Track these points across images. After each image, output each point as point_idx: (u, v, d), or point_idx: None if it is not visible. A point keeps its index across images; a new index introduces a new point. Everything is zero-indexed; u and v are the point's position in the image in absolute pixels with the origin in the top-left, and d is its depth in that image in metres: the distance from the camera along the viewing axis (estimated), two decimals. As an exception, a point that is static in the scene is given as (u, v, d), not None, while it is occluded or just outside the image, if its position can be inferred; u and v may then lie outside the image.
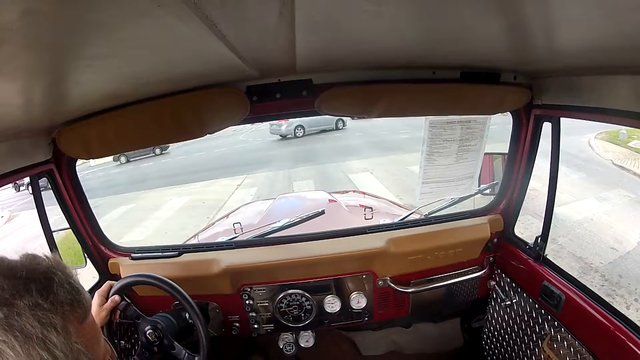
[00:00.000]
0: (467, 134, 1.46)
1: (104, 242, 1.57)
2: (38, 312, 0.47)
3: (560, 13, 0.57)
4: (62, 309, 0.50)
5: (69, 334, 0.49)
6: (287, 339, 1.71)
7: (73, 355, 0.49)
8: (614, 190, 6.35)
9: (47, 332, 0.47)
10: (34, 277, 0.49)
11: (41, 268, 0.51)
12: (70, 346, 0.49)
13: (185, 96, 1.11)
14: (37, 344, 0.46)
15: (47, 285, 0.49)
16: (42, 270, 0.51)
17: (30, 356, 0.46)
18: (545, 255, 1.40)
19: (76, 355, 0.50)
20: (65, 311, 0.50)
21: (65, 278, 0.52)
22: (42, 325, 0.47)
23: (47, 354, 0.46)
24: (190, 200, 8.88)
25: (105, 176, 14.09)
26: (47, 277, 0.50)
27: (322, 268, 1.53)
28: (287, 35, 0.68)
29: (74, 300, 0.52)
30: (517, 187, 1.54)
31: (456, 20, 0.64)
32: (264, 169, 10.81)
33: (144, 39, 0.57)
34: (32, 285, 0.49)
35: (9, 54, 0.47)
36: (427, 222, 1.65)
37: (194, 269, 1.49)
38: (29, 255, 0.52)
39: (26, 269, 0.50)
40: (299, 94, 1.26)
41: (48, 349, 0.47)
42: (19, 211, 10.63)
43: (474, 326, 1.91)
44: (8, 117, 0.84)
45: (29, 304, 0.47)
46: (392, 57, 1.02)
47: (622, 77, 0.91)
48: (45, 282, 0.50)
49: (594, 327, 1.12)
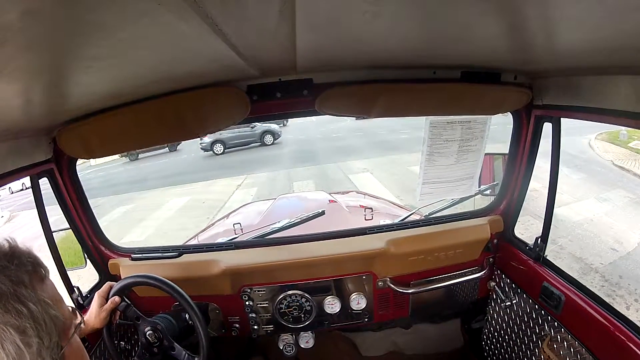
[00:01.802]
0: (468, 134, 1.46)
1: (104, 242, 1.57)
2: (7, 272, 0.56)
3: (560, 13, 0.57)
4: (26, 268, 0.59)
5: (35, 288, 0.58)
6: (287, 340, 1.71)
7: (42, 307, 0.57)
8: (614, 191, 6.35)
9: (17, 287, 0.56)
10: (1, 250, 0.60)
11: (5, 245, 0.61)
12: (38, 298, 0.57)
13: (186, 95, 1.11)
14: (11, 299, 0.54)
15: (12, 253, 0.59)
16: (6, 246, 0.61)
17: (8, 311, 0.53)
18: (545, 256, 1.40)
19: (45, 308, 0.57)
20: (28, 270, 0.59)
21: (25, 250, 0.62)
22: (12, 283, 0.55)
23: (21, 306, 0.54)
24: (190, 200, 8.88)
25: (105, 176, 14.10)
26: (11, 247, 0.61)
27: (322, 269, 1.53)
28: (287, 34, 0.68)
29: (34, 262, 0.61)
30: (517, 188, 1.54)
31: (456, 20, 0.64)
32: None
33: (144, 38, 0.57)
34: None
35: (9, 54, 0.47)
36: (427, 222, 1.65)
37: (194, 270, 1.49)
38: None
39: None
40: (299, 93, 1.26)
41: (22, 302, 0.55)
42: (19, 211, 10.64)
43: (474, 327, 1.90)
44: (8, 117, 0.84)
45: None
46: (393, 57, 1.02)
47: (623, 77, 0.91)
48: (9, 251, 0.60)
49: (594, 327, 1.12)
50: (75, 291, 1.40)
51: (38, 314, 0.55)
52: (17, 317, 0.53)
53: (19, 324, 0.53)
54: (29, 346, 0.53)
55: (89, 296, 1.44)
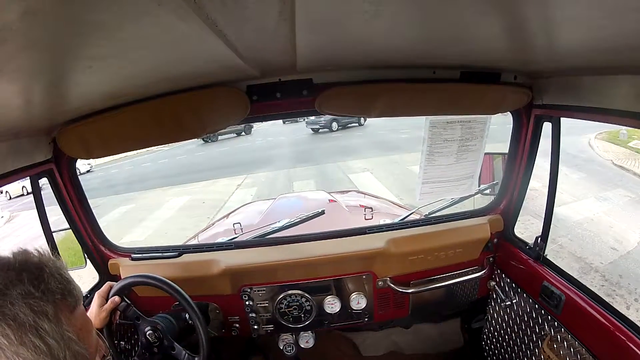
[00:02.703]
0: (468, 133, 1.46)
1: (104, 242, 1.57)
2: (30, 301, 0.49)
3: (560, 13, 0.57)
4: (53, 297, 0.51)
5: (60, 322, 0.51)
6: (287, 340, 1.71)
7: (64, 342, 0.51)
8: (614, 190, 6.36)
9: (39, 319, 0.49)
10: (26, 268, 0.52)
11: (33, 260, 0.53)
12: (61, 334, 0.51)
13: (186, 95, 1.11)
14: (29, 332, 0.48)
15: (39, 275, 0.51)
16: (33, 262, 0.53)
17: (24, 344, 0.47)
18: (545, 256, 1.40)
19: (67, 343, 0.51)
20: (56, 300, 0.52)
21: (55, 269, 0.54)
22: (34, 313, 0.49)
23: (39, 341, 0.48)
24: (190, 200, 8.89)
25: (105, 176, 14.09)
26: (39, 268, 0.52)
27: (322, 268, 1.53)
28: (287, 34, 0.68)
29: (65, 289, 0.54)
30: (517, 187, 1.54)
31: (456, 20, 0.64)
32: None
33: (144, 38, 0.57)
34: (24, 275, 0.51)
35: (9, 54, 0.47)
36: (427, 222, 1.65)
37: (194, 270, 1.49)
38: (21, 250, 0.54)
39: (18, 261, 0.52)
40: (299, 93, 1.26)
41: (40, 336, 0.48)
42: (19, 211, 10.63)
43: (474, 326, 1.90)
44: (8, 117, 0.84)
45: (21, 292, 0.49)
46: (392, 57, 1.02)
47: (622, 77, 0.91)
48: (36, 272, 0.52)
49: (594, 327, 1.12)
50: None
51: (58, 352, 0.49)
52: (34, 353, 0.48)
53: (33, 359, 0.48)
54: None
55: (89, 296, 1.44)
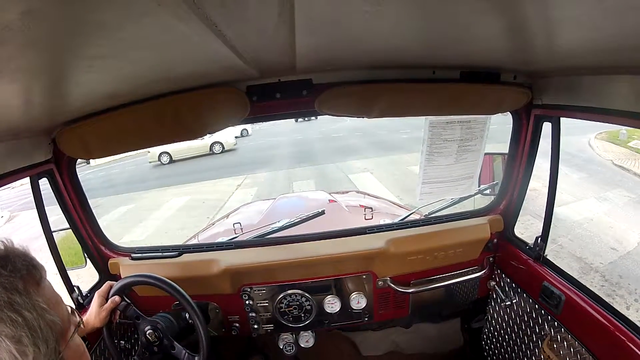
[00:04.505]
0: (467, 134, 1.46)
1: (104, 242, 1.57)
2: (0, 279, 0.54)
3: (560, 13, 0.57)
4: (20, 273, 0.57)
5: (30, 294, 0.56)
6: (287, 339, 1.71)
7: (37, 313, 0.55)
8: (614, 191, 6.35)
9: (11, 294, 0.54)
10: None
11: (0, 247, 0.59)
12: (33, 304, 0.55)
13: (185, 96, 1.11)
14: (5, 307, 0.52)
15: (5, 256, 0.57)
16: (1, 248, 0.59)
17: (2, 320, 0.51)
18: (545, 256, 1.40)
19: (41, 313, 0.56)
20: (23, 275, 0.57)
21: (20, 252, 0.60)
22: (6, 290, 0.53)
23: (16, 315, 0.53)
24: (190, 200, 8.88)
25: (105, 176, 14.09)
26: (6, 251, 0.58)
27: (322, 268, 1.53)
28: (286, 35, 0.68)
29: (29, 265, 0.59)
30: (517, 188, 1.54)
31: (456, 20, 0.64)
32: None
33: (144, 39, 0.57)
34: None
35: (9, 54, 0.47)
36: (427, 222, 1.65)
37: (194, 269, 1.49)
38: None
39: None
40: (299, 93, 1.26)
41: (15, 310, 0.53)
42: (19, 211, 10.63)
43: (474, 326, 1.91)
44: (8, 117, 0.84)
45: None
46: (392, 57, 1.01)
47: (622, 77, 0.91)
48: (3, 254, 0.57)
49: (594, 327, 1.12)
50: (76, 291, 1.41)
51: (34, 322, 0.54)
52: (12, 327, 0.52)
53: (14, 333, 0.51)
54: (25, 355, 0.52)
55: (89, 296, 1.44)
